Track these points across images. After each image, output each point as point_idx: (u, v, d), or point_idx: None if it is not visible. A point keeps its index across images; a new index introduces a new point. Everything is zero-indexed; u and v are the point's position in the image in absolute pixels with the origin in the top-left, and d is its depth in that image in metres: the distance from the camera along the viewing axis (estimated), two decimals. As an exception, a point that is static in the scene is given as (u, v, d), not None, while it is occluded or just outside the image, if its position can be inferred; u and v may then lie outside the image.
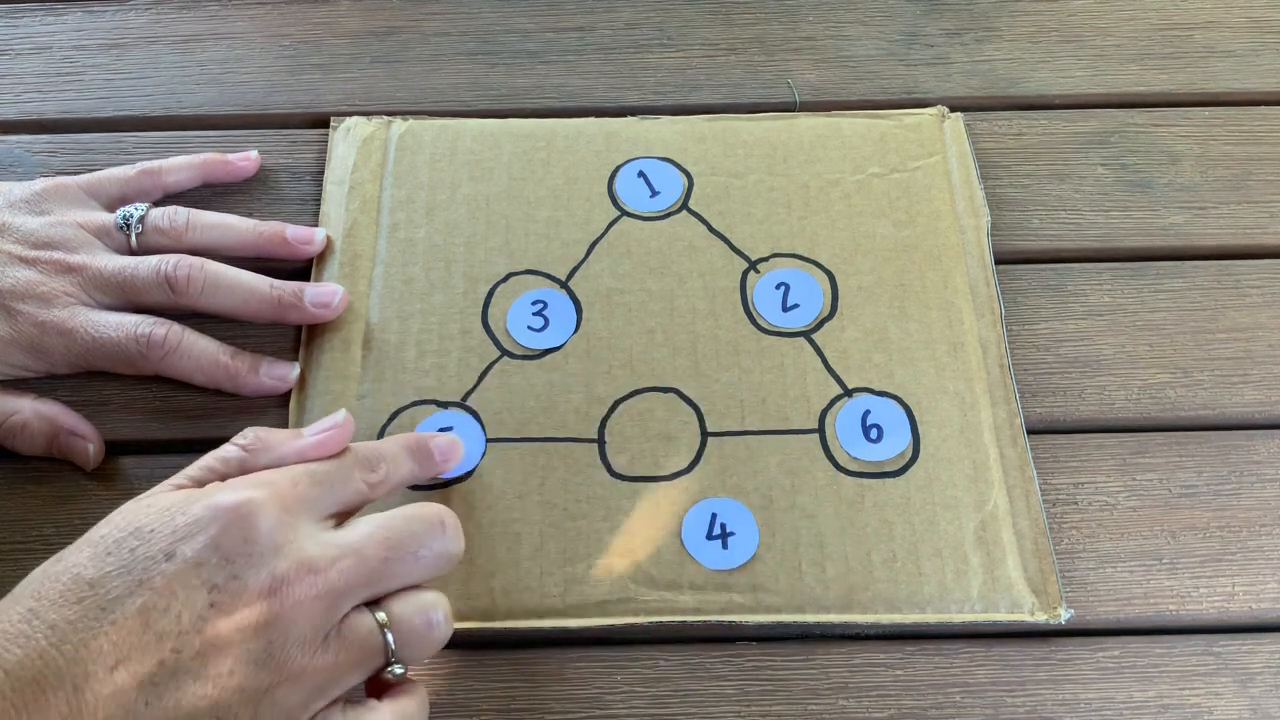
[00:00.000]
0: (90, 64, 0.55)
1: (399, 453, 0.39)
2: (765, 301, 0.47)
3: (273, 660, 0.31)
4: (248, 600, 0.32)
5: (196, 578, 0.32)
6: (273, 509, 0.33)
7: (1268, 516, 0.44)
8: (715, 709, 0.40)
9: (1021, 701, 0.40)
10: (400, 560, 0.34)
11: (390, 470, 0.38)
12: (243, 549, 0.32)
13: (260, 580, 0.32)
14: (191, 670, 0.31)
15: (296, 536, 0.33)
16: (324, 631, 0.33)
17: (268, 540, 0.33)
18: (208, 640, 0.31)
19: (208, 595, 0.31)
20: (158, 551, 0.32)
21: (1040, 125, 0.53)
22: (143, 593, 0.31)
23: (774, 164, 0.51)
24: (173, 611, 0.31)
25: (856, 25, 0.57)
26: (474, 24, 0.57)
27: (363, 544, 0.34)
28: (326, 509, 0.35)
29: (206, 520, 0.32)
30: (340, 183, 0.50)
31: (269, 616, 0.32)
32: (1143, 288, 0.49)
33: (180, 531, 0.32)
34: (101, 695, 0.30)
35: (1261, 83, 0.55)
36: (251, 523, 0.33)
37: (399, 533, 0.35)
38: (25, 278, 0.43)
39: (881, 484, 0.43)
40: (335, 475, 0.36)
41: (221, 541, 0.32)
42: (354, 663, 0.33)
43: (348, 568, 0.33)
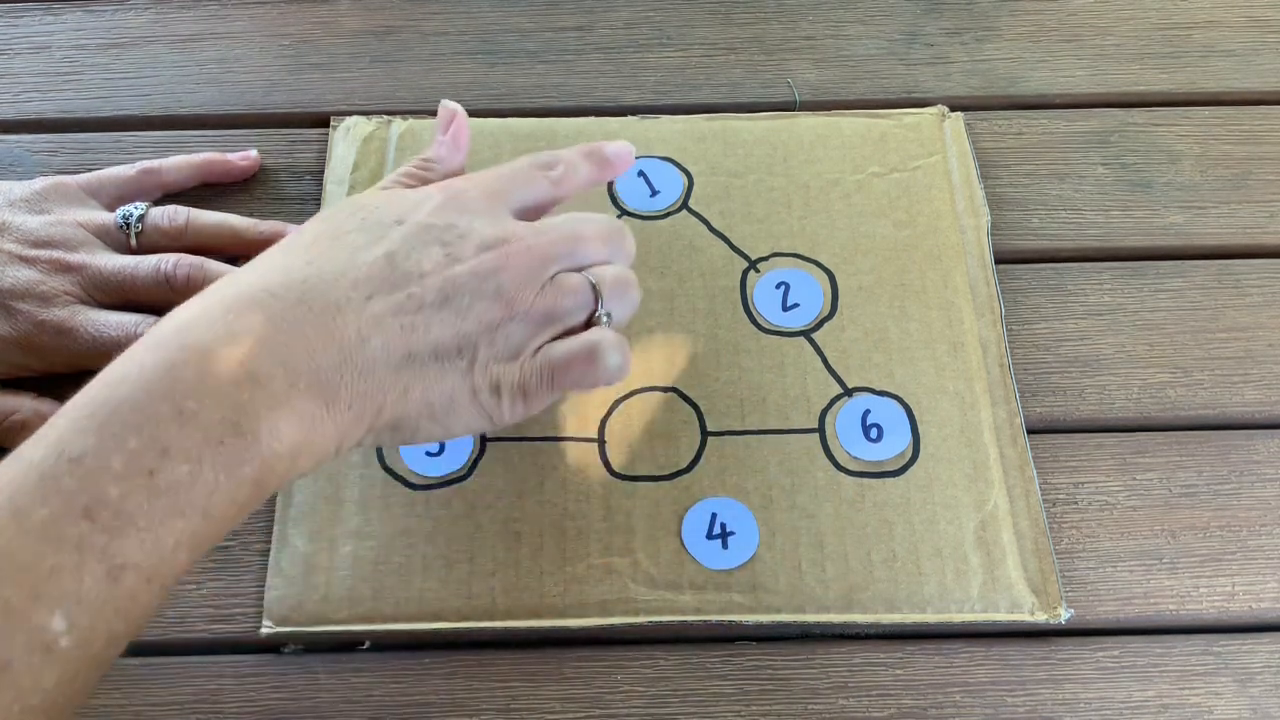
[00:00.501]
0: (89, 64, 0.55)
1: (574, 157, 0.43)
2: (765, 301, 0.47)
3: (501, 298, 0.36)
4: (475, 251, 0.37)
5: (428, 234, 0.36)
6: (479, 193, 0.39)
7: (1268, 516, 0.44)
8: (715, 709, 0.40)
9: (1021, 701, 0.40)
10: (591, 240, 0.39)
11: (567, 170, 0.42)
12: (461, 216, 0.37)
13: (483, 236, 0.37)
14: (435, 304, 0.35)
15: (504, 215, 0.39)
16: (540, 281, 0.37)
17: (481, 213, 0.38)
18: (447, 279, 0.36)
19: (441, 249, 0.36)
20: (389, 219, 0.37)
21: (1040, 125, 0.53)
22: (385, 243, 0.36)
23: (774, 164, 0.51)
24: (414, 258, 0.36)
25: (856, 25, 0.57)
26: (473, 23, 0.57)
27: (561, 225, 0.39)
28: (519, 202, 0.40)
29: (424, 196, 0.38)
30: (340, 182, 0.50)
31: (496, 264, 0.36)
32: (1143, 287, 0.49)
33: (406, 205, 0.37)
34: (362, 316, 0.34)
35: (1261, 82, 0.55)
36: (463, 198, 0.38)
37: (591, 222, 0.40)
38: (25, 277, 0.43)
39: (881, 484, 0.43)
40: (519, 175, 0.41)
41: (442, 211, 0.37)
42: (570, 306, 0.38)
43: (551, 238, 0.38)
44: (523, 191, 0.40)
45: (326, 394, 0.33)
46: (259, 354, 0.32)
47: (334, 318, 0.34)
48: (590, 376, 0.37)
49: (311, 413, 0.32)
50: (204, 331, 0.32)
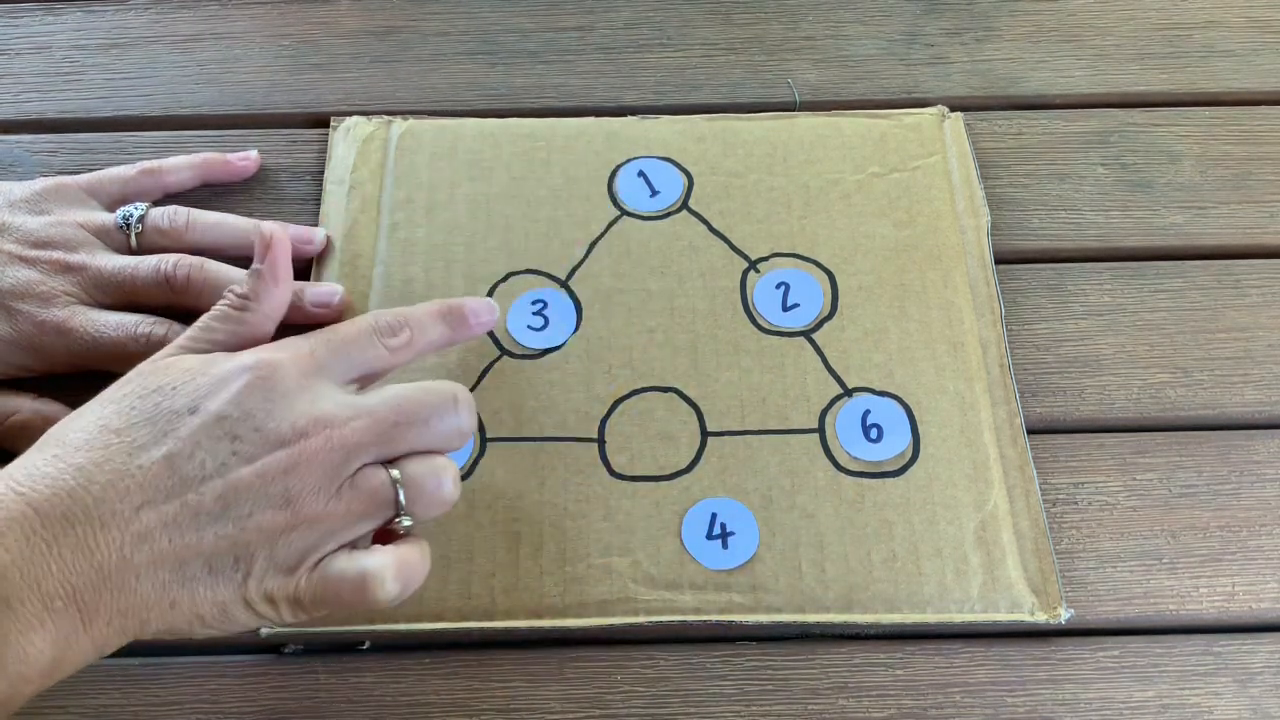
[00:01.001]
0: (90, 64, 0.55)
1: (425, 318, 0.40)
2: (765, 301, 0.47)
3: (289, 504, 0.34)
4: (267, 448, 0.34)
5: (220, 429, 0.34)
6: (292, 369, 0.35)
7: (1268, 516, 0.44)
8: (715, 709, 0.40)
9: (1021, 701, 0.40)
10: (411, 426, 0.36)
11: (415, 335, 0.39)
12: (262, 404, 0.34)
13: (279, 431, 0.34)
14: (213, 512, 0.33)
15: (316, 396, 0.35)
16: (338, 481, 0.34)
17: (286, 397, 0.35)
18: (229, 484, 0.33)
19: (230, 445, 0.34)
20: (182, 407, 0.34)
21: (1040, 125, 0.53)
22: (168, 441, 0.33)
23: (774, 164, 0.51)
24: (197, 459, 0.33)
25: (856, 25, 0.57)
26: (473, 24, 0.57)
27: (376, 407, 0.36)
28: (345, 374, 0.37)
29: (230, 378, 0.35)
30: (340, 182, 0.50)
31: (287, 464, 0.34)
32: (1143, 288, 0.49)
33: (204, 388, 0.34)
34: (127, 532, 0.32)
35: (1261, 83, 0.55)
36: (272, 381, 0.35)
37: (413, 400, 0.36)
38: (25, 277, 0.43)
39: (881, 484, 0.43)
40: (354, 341, 0.38)
41: (243, 397, 0.34)
42: (365, 512, 0.35)
43: (361, 426, 0.35)
44: (352, 361, 0.37)
45: (84, 613, 0.31)
46: (14, 576, 0.30)
47: (98, 534, 0.32)
48: (360, 605, 0.35)
49: (66, 633, 0.31)
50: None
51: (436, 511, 0.37)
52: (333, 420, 0.35)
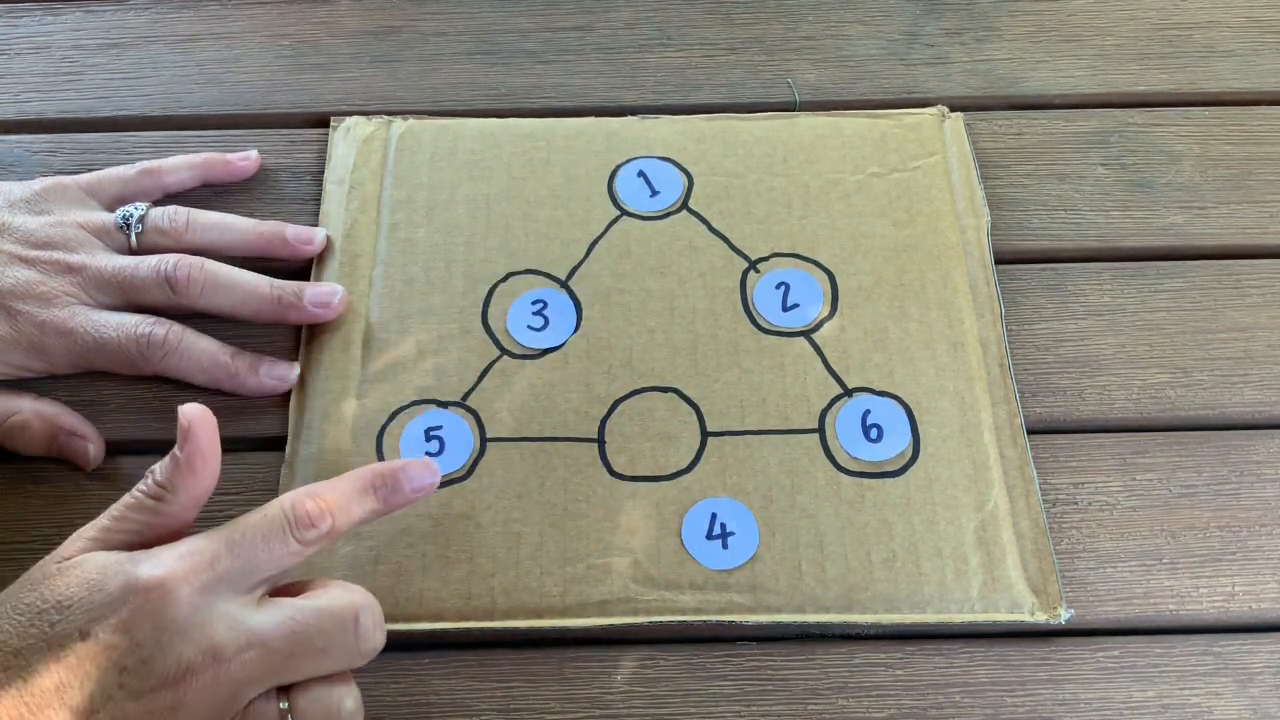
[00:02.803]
0: (89, 64, 0.55)
1: (351, 495, 0.37)
2: (765, 301, 0.47)
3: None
4: (154, 685, 0.32)
5: (108, 659, 0.32)
6: (187, 591, 0.33)
7: (1268, 516, 0.44)
8: (715, 709, 0.40)
9: (1021, 701, 0.40)
10: (305, 656, 0.34)
11: (337, 521, 0.36)
12: (152, 635, 0.33)
13: (166, 666, 0.33)
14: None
15: (209, 619, 0.33)
16: (226, 717, 0.33)
17: (177, 626, 0.33)
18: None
19: (118, 677, 0.32)
20: (74, 629, 0.33)
21: (1040, 125, 0.53)
22: (59, 670, 0.32)
23: (774, 164, 0.51)
24: (85, 690, 0.32)
25: (856, 25, 0.57)
26: (473, 24, 0.57)
27: (269, 637, 0.34)
28: (247, 581, 0.35)
29: (120, 602, 0.33)
30: (340, 182, 0.50)
31: (173, 702, 0.33)
32: (1143, 288, 0.49)
33: (96, 611, 0.33)
34: None
35: (1261, 83, 0.55)
36: (163, 608, 0.33)
37: (308, 628, 0.34)
38: (25, 277, 0.43)
39: (881, 484, 0.43)
40: (264, 541, 0.35)
41: (132, 626, 0.33)
42: None
43: (251, 659, 0.33)
44: (258, 566, 0.35)
45: None
46: None
47: None
48: None
49: None
50: None
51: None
52: (221, 653, 0.33)
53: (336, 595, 0.35)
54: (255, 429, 0.45)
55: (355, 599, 0.35)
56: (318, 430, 0.44)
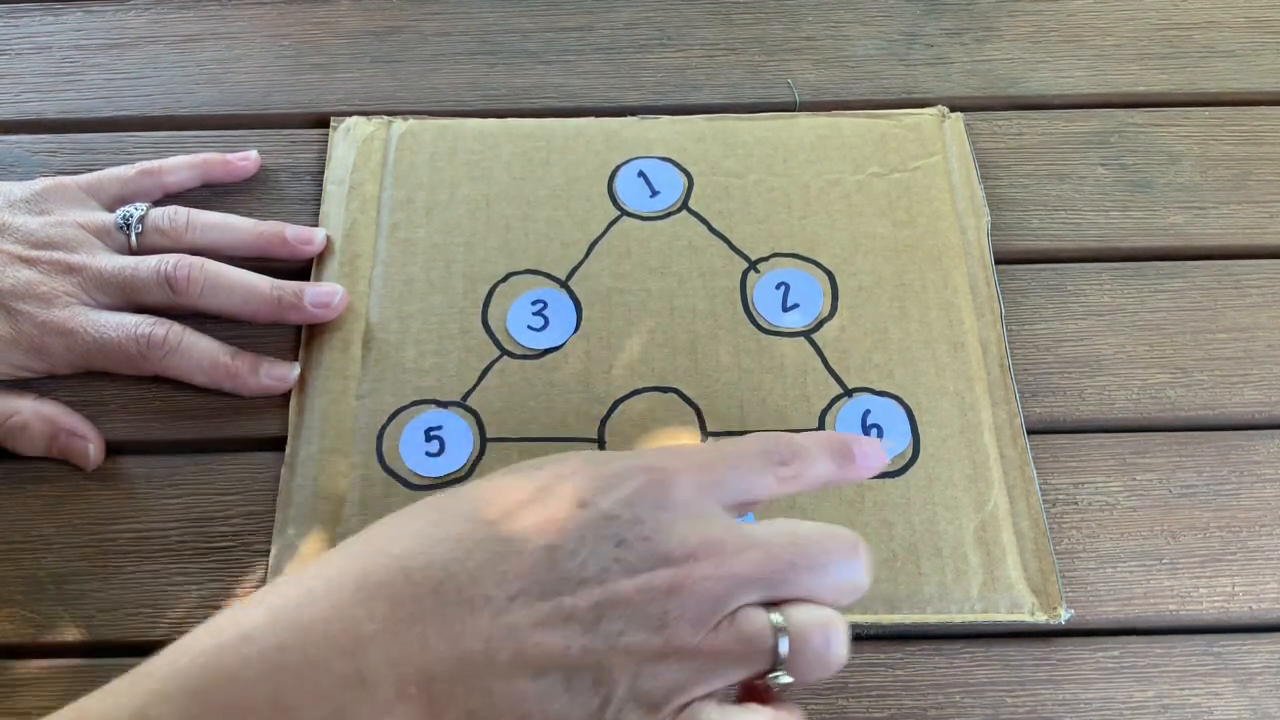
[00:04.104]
0: (90, 64, 0.55)
1: (816, 450, 0.35)
2: (765, 301, 0.47)
3: (664, 630, 0.30)
4: (653, 563, 0.30)
5: (607, 529, 0.30)
6: (688, 481, 0.32)
7: (1268, 516, 0.44)
8: (715, 709, 0.40)
9: (1021, 701, 0.40)
10: (808, 569, 0.32)
11: (804, 468, 0.35)
12: (655, 512, 0.31)
13: (669, 546, 0.30)
14: (585, 620, 0.29)
15: (708, 514, 0.32)
16: (718, 616, 0.30)
17: (679, 508, 0.31)
18: (607, 594, 0.30)
19: (615, 549, 0.30)
20: (569, 496, 0.31)
21: (1040, 125, 0.53)
22: (550, 533, 0.30)
23: (774, 164, 0.51)
24: (579, 557, 0.30)
25: (856, 25, 0.57)
26: (474, 24, 0.57)
27: (771, 540, 0.32)
28: (734, 496, 0.33)
29: (624, 475, 0.32)
30: (340, 183, 0.50)
31: (671, 584, 0.30)
32: (1143, 288, 0.49)
33: (594, 482, 0.31)
34: (497, 622, 0.29)
35: (1261, 83, 0.55)
36: (668, 488, 0.31)
37: (813, 542, 0.32)
38: (25, 278, 0.43)
39: (881, 484, 0.43)
40: (747, 463, 0.34)
41: (636, 499, 0.31)
42: (740, 656, 0.30)
43: (753, 559, 0.31)
44: (742, 485, 0.33)
45: (434, 706, 0.29)
46: (374, 651, 0.28)
47: (465, 619, 0.29)
48: None
49: None
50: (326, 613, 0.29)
51: (819, 673, 0.31)
52: (724, 547, 0.31)
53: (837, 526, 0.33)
54: (255, 429, 0.45)
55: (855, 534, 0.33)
56: (318, 430, 0.44)
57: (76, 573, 0.41)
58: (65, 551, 0.42)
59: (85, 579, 0.41)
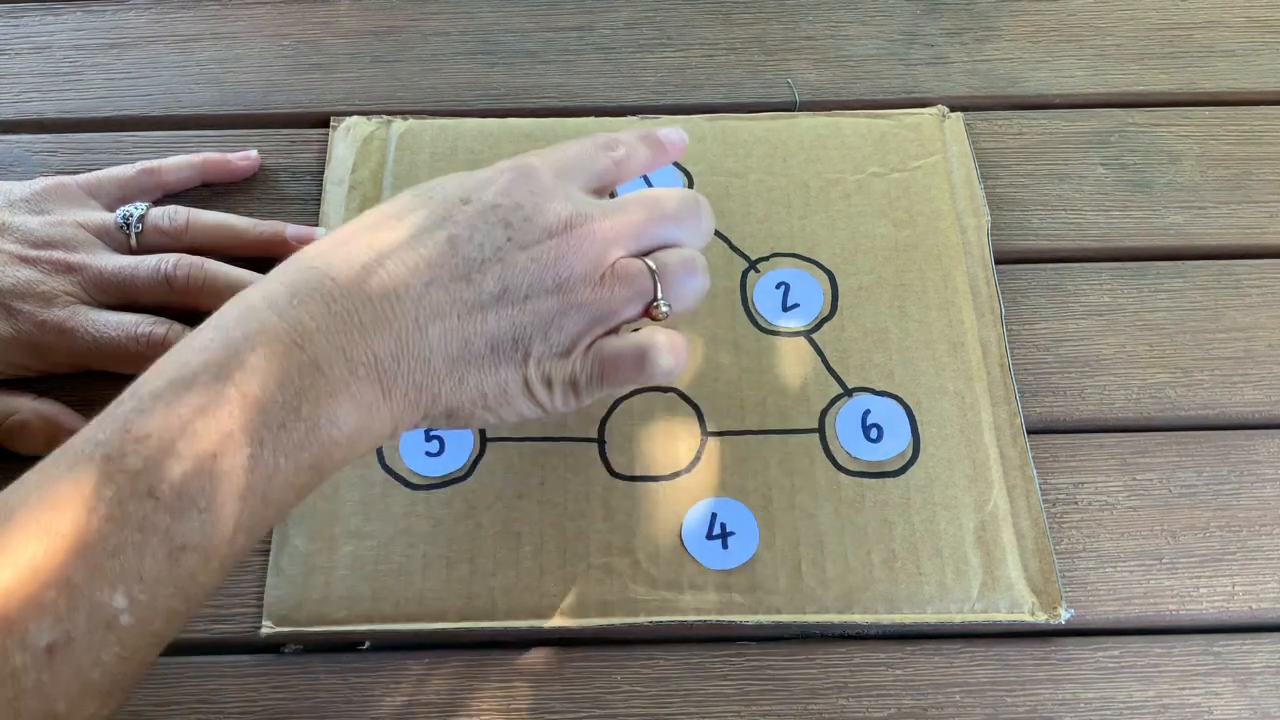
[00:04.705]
0: (89, 64, 0.55)
1: (633, 139, 0.42)
2: (765, 301, 0.47)
3: (560, 289, 0.36)
4: (538, 236, 0.36)
5: (494, 215, 0.36)
6: (549, 168, 0.38)
7: (1268, 516, 0.44)
8: (715, 709, 0.40)
9: (1021, 701, 0.40)
10: (661, 222, 0.38)
11: (629, 151, 0.41)
12: (529, 197, 0.37)
13: (548, 220, 0.36)
14: (494, 294, 0.35)
15: (571, 193, 0.38)
16: (600, 270, 0.37)
17: (549, 192, 0.37)
18: (507, 268, 0.35)
19: (504, 231, 0.36)
20: (455, 197, 0.36)
21: (1040, 125, 0.53)
22: (448, 226, 0.35)
23: (774, 164, 0.51)
24: (475, 241, 0.35)
25: (856, 25, 0.57)
26: (473, 24, 0.57)
27: (629, 206, 0.38)
28: (586, 181, 0.39)
29: (495, 174, 0.37)
30: (340, 183, 0.50)
31: (557, 252, 0.36)
32: (1143, 288, 0.49)
33: (472, 183, 0.37)
34: (420, 306, 0.34)
35: (1261, 83, 0.55)
36: (534, 175, 0.37)
37: (660, 199, 0.39)
38: (25, 277, 0.43)
39: (881, 484, 0.43)
40: (585, 152, 0.40)
41: (511, 189, 0.37)
42: (627, 297, 0.37)
43: (618, 221, 0.37)
44: (590, 169, 0.40)
45: (384, 381, 0.33)
46: (321, 341, 0.32)
47: (393, 305, 0.34)
48: (640, 379, 0.37)
49: (369, 400, 0.33)
50: (270, 316, 0.32)
51: (690, 299, 0.38)
52: (591, 215, 0.37)
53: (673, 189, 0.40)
54: (255, 429, 0.45)
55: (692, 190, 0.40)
56: (318, 430, 0.44)
57: (76, 572, 0.41)
58: (65, 551, 0.42)
59: (85, 579, 0.41)
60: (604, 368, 0.37)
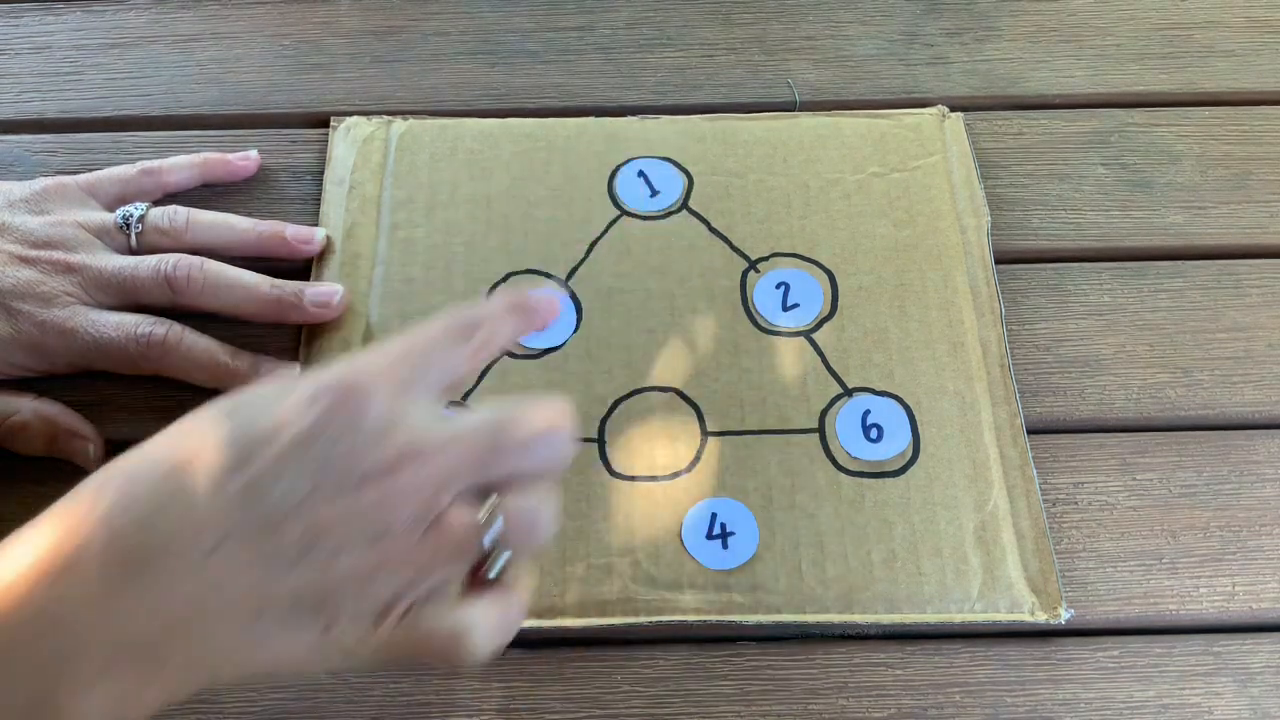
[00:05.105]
0: (90, 64, 0.55)
1: (498, 314, 0.36)
2: (765, 301, 0.47)
3: (376, 544, 0.30)
4: (355, 481, 0.30)
5: (304, 454, 0.30)
6: (382, 387, 0.31)
7: (1268, 516, 0.44)
8: (715, 709, 0.40)
9: (1021, 701, 0.40)
10: (508, 451, 0.32)
11: (489, 335, 0.35)
12: (349, 429, 0.30)
13: (368, 459, 0.30)
14: (293, 554, 0.29)
15: (405, 416, 0.31)
16: (429, 517, 0.31)
17: (375, 421, 0.31)
18: (312, 522, 0.29)
19: (314, 474, 0.30)
20: (262, 431, 0.30)
21: (1040, 125, 0.53)
22: (247, 470, 0.29)
23: (774, 164, 0.51)
24: (277, 491, 0.29)
25: (856, 25, 0.57)
26: (474, 24, 0.57)
27: (471, 430, 0.32)
28: (431, 387, 0.33)
29: (314, 398, 0.31)
30: (340, 183, 0.50)
31: (375, 500, 0.30)
32: (1143, 288, 0.49)
33: (289, 409, 0.30)
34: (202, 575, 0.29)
35: (1261, 83, 0.55)
36: (360, 402, 0.31)
37: (511, 422, 0.32)
38: (25, 277, 0.43)
39: (881, 484, 0.43)
40: (434, 348, 0.34)
41: (329, 420, 0.30)
42: (451, 554, 0.31)
43: (455, 454, 0.31)
44: (437, 371, 0.33)
45: (150, 665, 0.29)
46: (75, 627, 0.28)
47: (171, 576, 0.29)
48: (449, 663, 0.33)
49: (128, 688, 0.28)
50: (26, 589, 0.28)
51: (531, 549, 0.33)
52: (423, 448, 0.31)
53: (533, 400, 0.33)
54: (255, 429, 0.45)
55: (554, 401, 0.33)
56: (318, 430, 0.44)
57: (76, 572, 0.41)
58: (65, 551, 0.42)
59: (85, 579, 0.41)
60: (416, 646, 0.31)
